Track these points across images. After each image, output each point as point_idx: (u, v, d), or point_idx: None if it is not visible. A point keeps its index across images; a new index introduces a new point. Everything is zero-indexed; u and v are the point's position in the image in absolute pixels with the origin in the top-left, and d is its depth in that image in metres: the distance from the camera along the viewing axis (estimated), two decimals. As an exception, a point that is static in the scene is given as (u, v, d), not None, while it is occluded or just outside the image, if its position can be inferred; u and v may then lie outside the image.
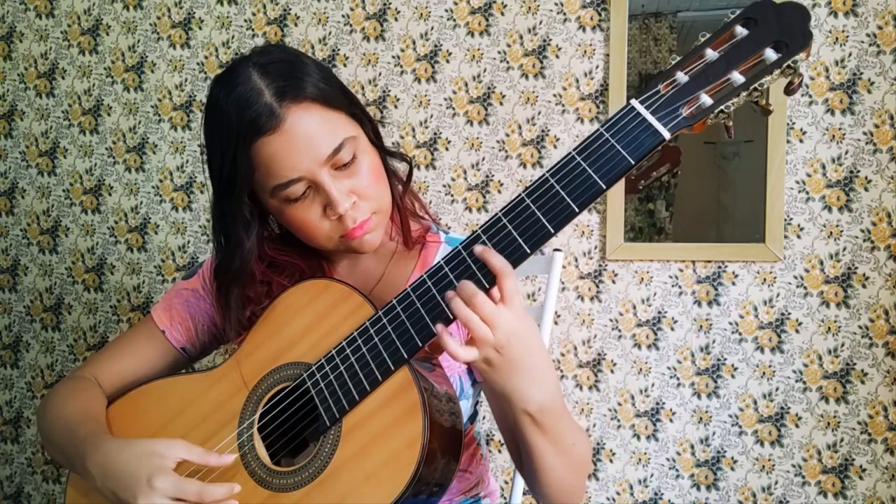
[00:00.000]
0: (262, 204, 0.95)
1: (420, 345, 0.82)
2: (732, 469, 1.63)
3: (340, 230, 0.92)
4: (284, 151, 0.87)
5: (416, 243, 1.04)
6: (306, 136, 0.87)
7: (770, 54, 0.75)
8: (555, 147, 1.70)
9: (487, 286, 0.79)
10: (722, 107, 0.76)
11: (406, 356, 0.82)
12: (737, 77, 0.76)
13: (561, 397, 0.85)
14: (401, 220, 1.02)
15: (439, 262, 0.83)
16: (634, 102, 0.78)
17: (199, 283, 1.09)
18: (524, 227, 0.79)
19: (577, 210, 0.78)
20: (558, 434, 0.85)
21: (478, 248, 0.78)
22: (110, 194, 1.94)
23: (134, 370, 1.05)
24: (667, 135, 0.76)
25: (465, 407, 1.04)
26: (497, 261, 0.76)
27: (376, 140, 0.97)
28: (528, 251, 0.79)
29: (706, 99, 0.76)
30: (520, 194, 0.81)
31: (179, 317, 1.08)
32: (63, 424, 0.97)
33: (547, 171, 0.79)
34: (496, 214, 0.81)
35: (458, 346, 0.77)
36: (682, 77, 0.78)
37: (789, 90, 0.78)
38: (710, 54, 0.78)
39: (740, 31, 0.77)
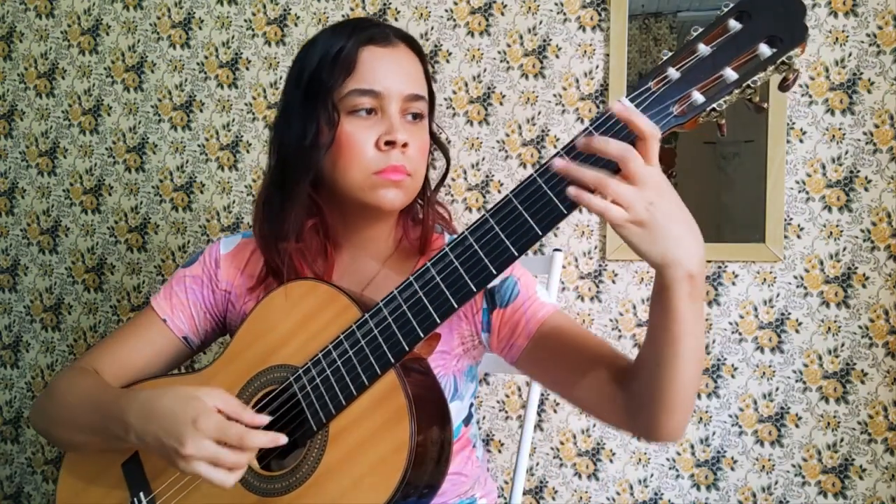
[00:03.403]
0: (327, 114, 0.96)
1: (406, 349, 0.81)
2: (732, 469, 1.63)
3: (381, 164, 0.94)
4: (381, 64, 0.95)
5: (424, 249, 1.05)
6: (402, 66, 0.97)
7: (764, 49, 0.72)
8: (555, 147, 1.70)
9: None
10: (714, 105, 0.73)
11: (392, 360, 0.81)
12: (730, 73, 0.73)
13: None
14: (424, 223, 1.03)
15: (426, 264, 0.82)
16: (624, 100, 0.75)
17: (201, 269, 1.09)
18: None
19: (564, 212, 0.76)
20: (701, 309, 0.78)
21: (617, 108, 0.72)
22: (110, 194, 1.94)
23: (135, 360, 1.04)
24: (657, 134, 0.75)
25: (459, 408, 1.03)
26: (643, 123, 0.71)
27: (430, 129, 1.05)
28: (515, 254, 0.78)
29: (698, 96, 0.73)
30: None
31: (181, 304, 1.07)
32: (82, 399, 0.96)
33: (535, 172, 0.78)
34: (483, 216, 0.80)
35: (605, 203, 0.71)
36: (673, 73, 0.75)
37: (784, 86, 0.75)
38: (703, 49, 0.74)
39: (734, 24, 0.74)
